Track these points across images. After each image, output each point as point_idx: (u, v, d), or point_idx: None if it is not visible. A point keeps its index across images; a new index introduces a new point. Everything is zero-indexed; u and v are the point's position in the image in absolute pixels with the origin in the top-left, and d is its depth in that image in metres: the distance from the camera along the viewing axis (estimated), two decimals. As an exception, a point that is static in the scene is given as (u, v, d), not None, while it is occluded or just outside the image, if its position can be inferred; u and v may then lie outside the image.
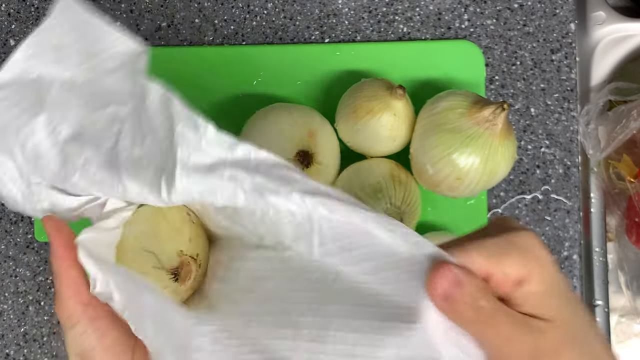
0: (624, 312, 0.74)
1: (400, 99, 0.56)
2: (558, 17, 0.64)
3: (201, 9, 0.64)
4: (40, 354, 0.62)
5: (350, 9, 0.64)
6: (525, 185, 0.64)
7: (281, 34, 0.64)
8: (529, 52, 0.64)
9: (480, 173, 0.54)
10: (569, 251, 0.64)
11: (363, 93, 0.57)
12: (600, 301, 0.69)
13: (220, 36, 0.64)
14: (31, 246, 0.63)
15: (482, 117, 0.53)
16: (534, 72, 0.64)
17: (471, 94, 0.56)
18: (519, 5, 0.64)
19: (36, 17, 0.63)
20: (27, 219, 0.63)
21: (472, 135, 0.54)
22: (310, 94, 0.62)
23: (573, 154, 0.64)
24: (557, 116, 0.64)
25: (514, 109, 0.64)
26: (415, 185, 0.58)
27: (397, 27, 0.64)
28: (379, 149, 0.58)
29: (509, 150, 0.55)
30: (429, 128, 0.56)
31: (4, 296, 0.63)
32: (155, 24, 0.63)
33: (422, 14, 0.64)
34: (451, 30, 0.64)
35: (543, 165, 0.64)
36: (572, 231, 0.64)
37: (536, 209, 0.64)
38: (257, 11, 0.64)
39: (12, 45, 0.63)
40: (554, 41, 0.64)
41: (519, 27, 0.64)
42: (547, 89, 0.64)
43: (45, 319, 0.62)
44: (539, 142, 0.64)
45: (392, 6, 0.64)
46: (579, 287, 0.63)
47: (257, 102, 0.62)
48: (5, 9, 0.63)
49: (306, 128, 0.56)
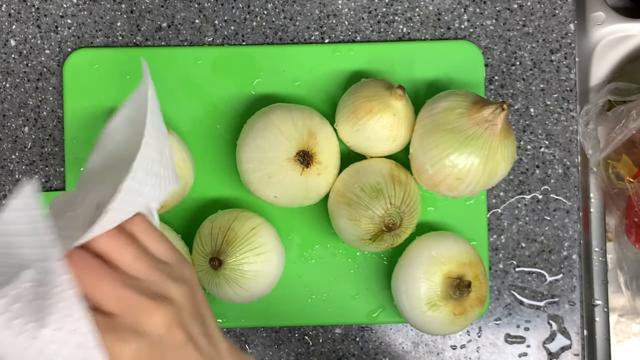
0: (624, 311, 0.74)
1: (400, 99, 0.56)
2: (557, 18, 0.64)
3: (201, 9, 0.64)
4: (41, 353, 0.62)
5: (350, 10, 0.64)
6: (524, 185, 0.64)
7: (281, 34, 0.64)
8: (528, 53, 0.64)
9: (480, 173, 0.54)
10: (569, 251, 0.64)
11: (363, 93, 0.57)
12: (600, 301, 0.69)
13: (220, 36, 0.64)
14: (32, 246, 0.63)
15: (482, 117, 0.54)
16: (534, 73, 0.64)
17: (471, 94, 0.56)
18: (518, 5, 0.64)
19: (36, 18, 0.63)
20: (27, 219, 0.63)
21: (471, 135, 0.54)
22: (310, 94, 0.63)
23: (572, 154, 0.64)
24: (556, 116, 0.64)
25: (514, 109, 0.64)
26: (415, 185, 0.58)
27: (397, 28, 0.64)
28: (379, 149, 0.58)
29: (508, 150, 0.55)
30: (428, 128, 0.56)
31: (5, 296, 0.63)
32: (155, 24, 0.63)
33: (422, 14, 0.64)
34: (451, 31, 0.64)
35: (542, 165, 0.64)
36: (571, 231, 0.64)
37: (536, 209, 0.64)
38: (257, 11, 0.64)
39: (13, 46, 0.63)
40: (554, 41, 0.64)
41: (518, 27, 0.64)
42: (546, 89, 0.64)
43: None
44: (538, 142, 0.64)
45: (392, 6, 0.64)
46: (578, 287, 0.64)
47: (257, 102, 0.62)
48: (6, 9, 0.63)
49: (306, 128, 0.56)
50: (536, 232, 0.64)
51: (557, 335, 0.63)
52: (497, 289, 0.63)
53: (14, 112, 0.63)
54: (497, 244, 0.63)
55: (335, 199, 0.58)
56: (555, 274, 0.64)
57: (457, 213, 0.63)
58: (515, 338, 0.63)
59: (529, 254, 0.63)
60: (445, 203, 0.62)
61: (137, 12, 0.64)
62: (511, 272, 0.63)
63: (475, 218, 0.63)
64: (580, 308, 0.64)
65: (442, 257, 0.56)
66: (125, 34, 0.63)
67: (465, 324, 0.57)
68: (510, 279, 0.63)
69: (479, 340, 0.63)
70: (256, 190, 0.58)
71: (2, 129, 0.63)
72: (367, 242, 0.56)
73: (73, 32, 0.63)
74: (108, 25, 0.63)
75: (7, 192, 0.63)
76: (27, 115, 0.63)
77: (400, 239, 0.58)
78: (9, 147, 0.63)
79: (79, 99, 0.62)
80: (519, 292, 0.63)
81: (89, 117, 0.62)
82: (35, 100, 0.63)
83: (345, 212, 0.56)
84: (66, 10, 0.63)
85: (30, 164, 0.63)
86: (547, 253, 0.64)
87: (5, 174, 0.63)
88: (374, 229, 0.56)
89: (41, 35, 0.63)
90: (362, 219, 0.56)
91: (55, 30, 0.63)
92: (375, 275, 0.62)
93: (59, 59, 0.63)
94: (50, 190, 0.63)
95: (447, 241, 0.58)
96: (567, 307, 0.63)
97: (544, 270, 0.63)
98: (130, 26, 0.63)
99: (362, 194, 0.56)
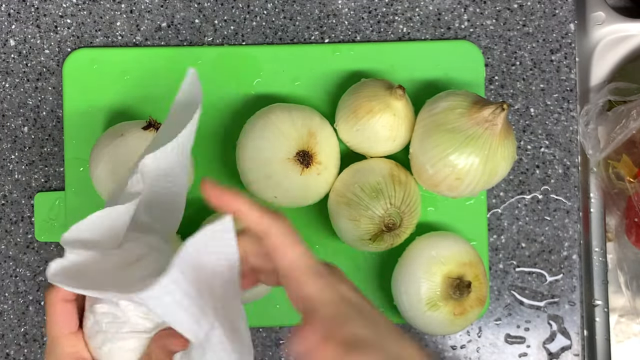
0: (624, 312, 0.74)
1: (400, 99, 0.56)
2: (557, 18, 0.64)
3: (201, 9, 0.64)
4: (41, 354, 0.62)
5: (350, 9, 0.64)
6: (524, 185, 0.64)
7: (281, 34, 0.64)
8: (528, 53, 0.64)
9: (480, 173, 0.54)
10: (569, 251, 0.64)
11: (363, 93, 0.57)
12: (600, 301, 0.69)
13: (220, 36, 0.64)
14: (31, 246, 0.63)
15: (482, 117, 0.53)
16: (534, 73, 0.64)
17: (471, 94, 0.56)
18: (518, 5, 0.64)
19: (36, 18, 0.63)
20: (27, 219, 0.63)
21: (471, 135, 0.54)
22: (310, 94, 0.62)
23: (573, 154, 0.64)
24: (556, 116, 0.64)
25: (514, 109, 0.64)
26: (415, 185, 0.58)
27: (397, 27, 0.64)
28: (379, 149, 0.58)
29: (508, 151, 0.55)
30: (428, 128, 0.56)
31: (4, 296, 0.63)
32: (155, 24, 0.63)
33: (422, 14, 0.64)
34: (451, 31, 0.64)
35: (542, 166, 0.64)
36: (571, 231, 0.64)
37: (536, 209, 0.64)
38: (257, 11, 0.64)
39: (12, 45, 0.63)
40: (554, 41, 0.64)
41: (518, 27, 0.64)
42: (546, 89, 0.64)
43: (46, 319, 0.62)
44: (538, 142, 0.64)
45: (391, 6, 0.64)
46: (578, 287, 0.63)
47: (257, 102, 0.62)
48: (6, 9, 0.63)
49: (306, 128, 0.56)
50: (536, 232, 0.64)
51: (557, 336, 0.63)
52: (497, 289, 0.63)
53: (13, 111, 0.63)
54: (497, 244, 0.63)
55: (335, 199, 0.58)
56: (555, 274, 0.63)
57: (457, 213, 0.62)
58: (515, 338, 0.63)
59: (529, 254, 0.63)
60: (445, 203, 0.62)
61: (136, 11, 0.64)
62: (511, 272, 0.63)
63: (475, 218, 0.63)
64: (580, 308, 0.64)
65: (442, 257, 0.56)
66: (124, 34, 0.63)
67: (465, 324, 0.57)
68: (510, 279, 0.63)
69: (479, 341, 0.63)
70: (256, 190, 0.58)
71: (1, 128, 0.63)
72: (367, 242, 0.56)
73: (72, 32, 0.63)
74: (107, 25, 0.63)
75: (6, 192, 0.63)
76: (26, 115, 0.63)
77: (400, 239, 0.58)
78: (8, 147, 0.63)
79: (79, 99, 0.62)
80: (519, 292, 0.63)
81: (89, 117, 0.62)
82: (34, 100, 0.63)
83: (345, 212, 0.56)
84: (66, 10, 0.63)
85: (30, 164, 0.63)
86: (547, 253, 0.63)
87: (4, 173, 0.63)
88: (374, 229, 0.56)
89: (40, 35, 0.63)
90: (362, 219, 0.56)
91: (54, 30, 0.63)
92: (375, 275, 0.62)
93: (59, 58, 0.63)
94: (50, 190, 0.63)
95: (447, 241, 0.58)
96: (567, 307, 0.63)
97: (544, 271, 0.63)
98: (130, 26, 0.63)
99: (362, 194, 0.56)
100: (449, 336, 0.63)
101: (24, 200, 0.63)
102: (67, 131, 0.62)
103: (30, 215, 0.63)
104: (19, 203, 0.63)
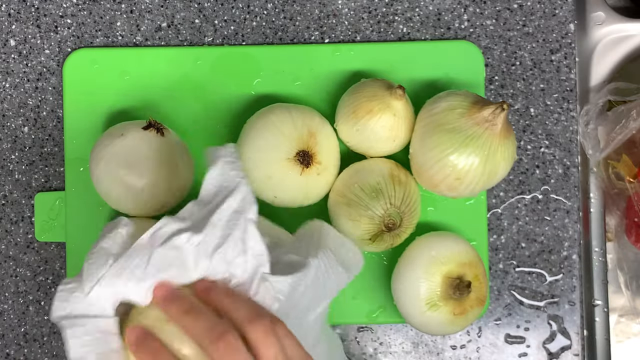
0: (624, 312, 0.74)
1: (400, 99, 0.56)
2: (557, 18, 0.64)
3: (201, 9, 0.64)
4: (41, 354, 0.62)
5: (350, 10, 0.64)
6: (524, 185, 0.64)
7: (281, 34, 0.64)
8: (528, 53, 0.64)
9: (479, 173, 0.54)
10: (569, 251, 0.64)
11: (363, 93, 0.57)
12: (600, 301, 0.69)
13: (220, 36, 0.64)
14: (31, 246, 0.63)
15: (482, 118, 0.53)
16: (534, 73, 0.64)
17: (471, 94, 0.56)
18: (518, 5, 0.64)
19: (36, 18, 0.63)
20: (27, 219, 0.63)
21: (471, 135, 0.54)
22: (310, 94, 0.63)
23: (572, 154, 0.64)
24: (556, 116, 0.64)
25: (514, 109, 0.64)
26: (415, 185, 0.58)
27: (397, 28, 0.64)
28: (378, 149, 0.58)
29: (508, 151, 0.55)
30: (428, 128, 0.56)
31: (4, 296, 0.63)
32: (155, 24, 0.63)
33: (422, 14, 0.64)
34: (451, 31, 0.64)
35: (542, 165, 0.64)
36: (571, 231, 0.64)
37: (536, 209, 0.64)
38: (257, 11, 0.64)
39: (12, 45, 0.63)
40: (554, 41, 0.64)
41: (518, 27, 0.64)
42: (546, 89, 0.64)
43: (46, 319, 0.63)
44: (538, 142, 0.64)
45: (391, 6, 0.64)
46: (578, 287, 0.63)
47: (257, 102, 0.62)
48: (6, 9, 0.63)
49: (306, 128, 0.56)
50: (536, 232, 0.64)
51: (557, 336, 0.63)
52: (497, 289, 0.63)
53: (13, 112, 0.63)
54: (497, 244, 0.63)
55: (335, 199, 0.58)
56: (555, 274, 0.64)
57: (457, 213, 0.63)
58: (515, 338, 0.63)
59: (529, 254, 0.63)
60: (445, 203, 0.62)
61: (136, 12, 0.64)
62: (511, 272, 0.63)
63: (475, 218, 0.63)
64: (580, 308, 0.64)
65: (442, 257, 0.56)
66: (125, 34, 0.63)
67: (465, 324, 0.57)
68: (510, 279, 0.63)
69: (479, 341, 0.63)
70: (256, 190, 0.58)
71: (1, 129, 0.63)
72: (367, 242, 0.56)
73: (73, 32, 0.63)
74: (108, 25, 0.63)
75: (6, 192, 0.63)
76: (26, 115, 0.63)
77: (400, 239, 0.58)
78: (8, 147, 0.63)
79: (79, 99, 0.62)
80: (519, 292, 0.63)
81: (89, 117, 0.62)
82: (35, 100, 0.63)
83: (345, 212, 0.56)
84: (66, 10, 0.63)
85: (30, 164, 0.63)
86: (547, 253, 0.64)
87: (5, 173, 0.63)
88: (373, 229, 0.56)
89: (41, 35, 0.63)
90: (362, 219, 0.56)
91: (55, 30, 0.63)
92: (375, 275, 0.62)
93: (59, 58, 0.63)
94: (50, 190, 0.63)
95: (447, 241, 0.58)
96: (567, 307, 0.63)
97: (544, 271, 0.63)
98: (130, 26, 0.63)
99: (362, 194, 0.56)
100: (449, 336, 0.63)
101: (24, 200, 0.63)
102: (67, 131, 0.62)
103: (31, 215, 0.63)
104: (19, 203, 0.63)
